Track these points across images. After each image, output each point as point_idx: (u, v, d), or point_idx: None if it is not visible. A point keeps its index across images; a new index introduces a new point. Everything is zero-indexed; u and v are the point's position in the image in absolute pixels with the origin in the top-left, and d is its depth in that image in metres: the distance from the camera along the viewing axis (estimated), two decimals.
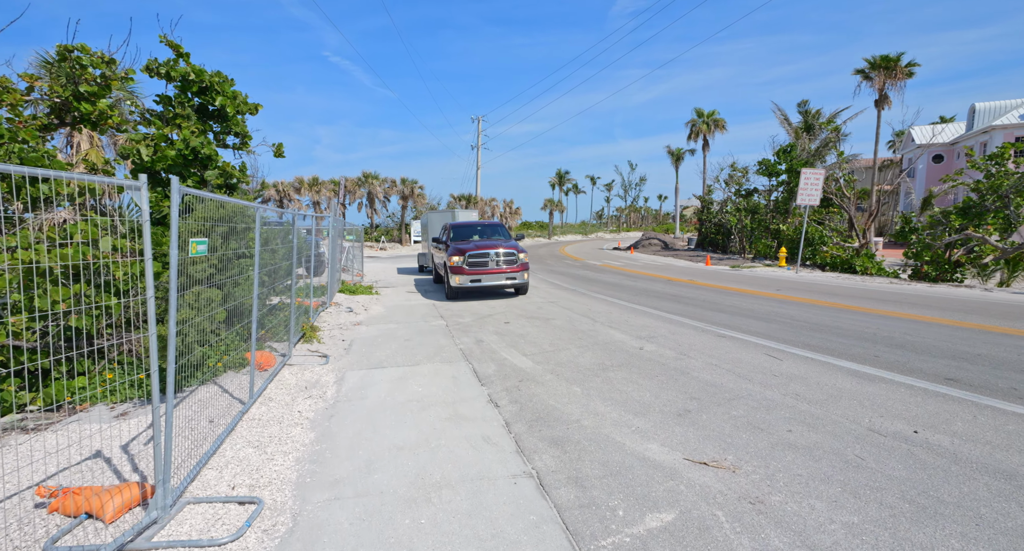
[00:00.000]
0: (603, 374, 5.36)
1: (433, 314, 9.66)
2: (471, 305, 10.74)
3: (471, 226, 13.67)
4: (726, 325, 7.71)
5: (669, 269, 19.58)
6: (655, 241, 40.11)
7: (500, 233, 13.47)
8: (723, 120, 36.18)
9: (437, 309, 10.30)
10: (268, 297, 7.22)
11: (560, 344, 6.84)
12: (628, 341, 6.85)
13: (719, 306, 9.71)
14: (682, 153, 57.78)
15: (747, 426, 3.85)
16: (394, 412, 4.39)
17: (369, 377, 5.49)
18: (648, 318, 8.56)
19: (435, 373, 5.61)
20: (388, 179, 41.82)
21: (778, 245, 23.96)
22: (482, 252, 11.42)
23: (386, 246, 39.40)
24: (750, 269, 19.24)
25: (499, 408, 4.46)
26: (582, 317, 8.85)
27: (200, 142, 7.51)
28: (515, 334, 7.59)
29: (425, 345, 7.02)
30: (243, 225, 5.96)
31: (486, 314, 9.51)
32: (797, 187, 22.88)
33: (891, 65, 26.05)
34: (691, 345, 6.49)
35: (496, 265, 11.47)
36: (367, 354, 6.58)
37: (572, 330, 7.74)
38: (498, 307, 10.33)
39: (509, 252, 11.58)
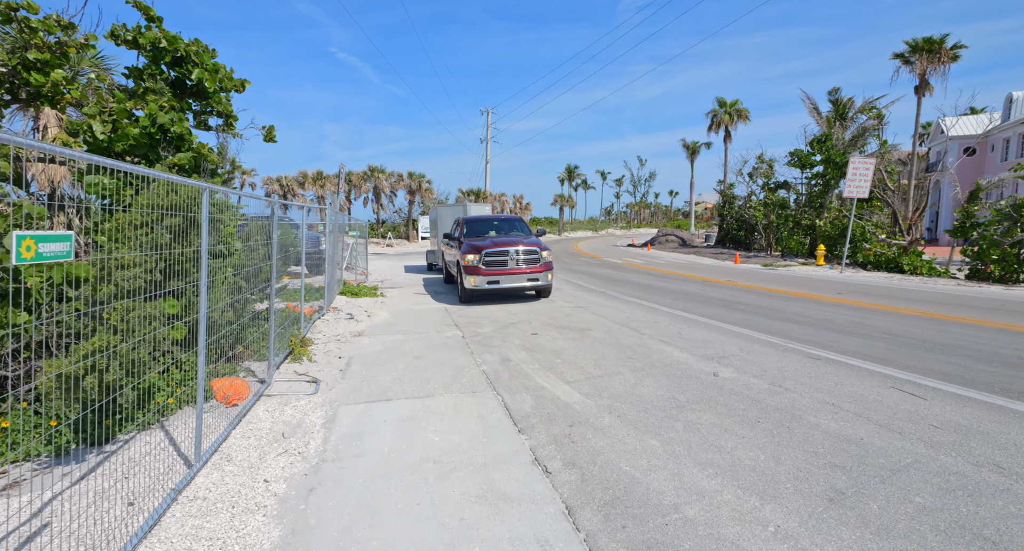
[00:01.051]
0: (680, 415, 3.99)
1: (446, 321, 8.33)
2: (489, 310, 9.39)
3: (486, 220, 12.31)
4: (809, 341, 6.29)
5: (697, 268, 18.11)
6: (672, 238, 38.51)
7: (519, 228, 12.09)
8: (746, 110, 34.47)
9: (450, 315, 8.97)
10: (249, 304, 5.91)
11: (607, 366, 5.47)
12: (693, 363, 5.46)
13: (782, 314, 8.27)
14: (697, 146, 55.97)
15: (958, 529, 2.46)
16: (401, 483, 3.05)
17: (369, 416, 4.16)
18: (705, 330, 7.15)
19: (455, 410, 4.26)
20: (395, 173, 40.50)
21: (811, 242, 22.37)
22: (500, 250, 10.06)
23: (393, 243, 38.18)
24: (786, 268, 17.72)
25: (551, 476, 3.11)
26: (623, 327, 7.46)
27: (170, 119, 6.21)
28: (548, 350, 6.23)
29: (440, 365, 5.68)
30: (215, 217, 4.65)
31: (508, 322, 8.16)
32: (834, 179, 21.29)
33: (934, 48, 24.20)
34: (780, 370, 5.09)
35: (516, 265, 10.11)
36: (368, 378, 5.25)
37: (616, 345, 6.37)
38: (520, 313, 8.98)
39: (530, 250, 10.22)
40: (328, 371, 5.54)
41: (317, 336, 7.19)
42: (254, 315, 6.11)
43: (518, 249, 10.11)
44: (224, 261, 5.53)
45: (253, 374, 5.15)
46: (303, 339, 6.56)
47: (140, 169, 2.63)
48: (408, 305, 10.23)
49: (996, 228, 14.74)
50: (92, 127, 5.86)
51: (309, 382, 5.14)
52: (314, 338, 7.03)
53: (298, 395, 4.69)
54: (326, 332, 7.48)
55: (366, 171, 40.45)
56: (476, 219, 12.28)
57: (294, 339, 6.17)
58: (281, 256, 6.80)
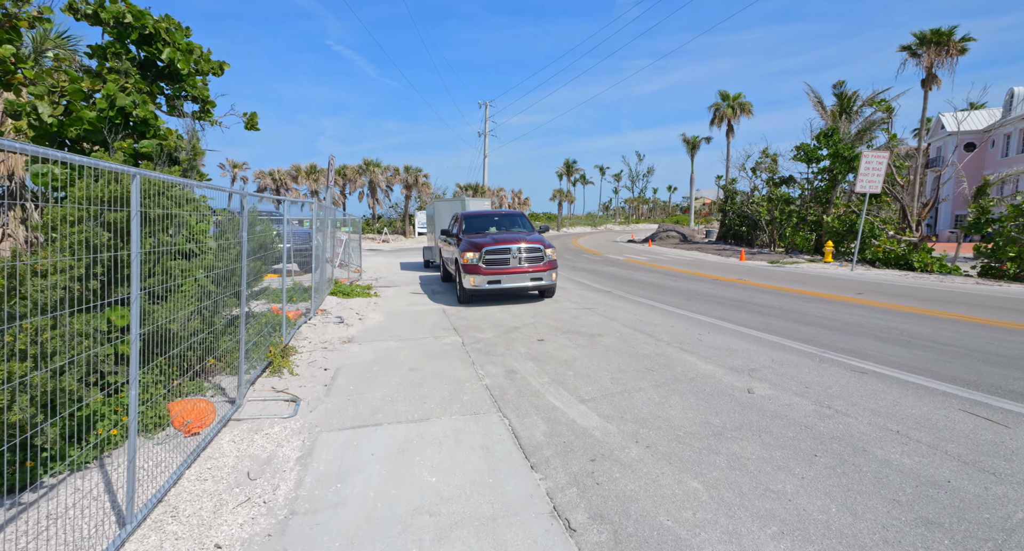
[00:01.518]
0: (721, 446, 3.38)
1: (444, 325, 7.70)
2: (489, 312, 8.77)
3: (487, 216, 11.66)
4: (846, 350, 5.70)
5: (702, 265, 17.53)
6: (673, 233, 37.95)
7: (521, 224, 11.46)
8: (749, 104, 33.79)
9: (449, 317, 8.34)
10: (225, 308, 5.27)
11: (626, 380, 4.86)
12: (722, 376, 4.86)
13: (805, 316, 7.68)
14: (697, 141, 55.32)
15: None
16: (389, 548, 2.44)
17: (353, 447, 3.54)
18: (727, 336, 6.55)
19: (456, 439, 3.65)
20: (391, 167, 39.67)
21: (818, 238, 21.83)
22: (501, 248, 9.43)
23: (389, 238, 37.45)
24: (794, 265, 17.16)
25: (576, 535, 2.50)
26: (637, 332, 6.86)
27: (132, 102, 5.54)
28: (557, 359, 5.62)
29: (437, 378, 5.06)
30: (171, 211, 3.99)
31: (510, 325, 7.54)
32: (841, 174, 20.72)
33: (942, 40, 23.64)
34: (824, 387, 4.50)
35: (518, 263, 9.48)
36: (355, 395, 4.62)
37: (632, 354, 5.76)
38: (523, 315, 8.36)
39: (533, 247, 9.60)
40: (311, 387, 4.91)
41: (302, 344, 6.55)
42: (231, 321, 5.48)
43: (520, 247, 9.49)
44: (193, 262, 4.89)
45: (223, 392, 4.52)
46: (285, 348, 5.92)
47: (52, 152, 1.99)
48: (403, 306, 9.60)
49: (1013, 224, 14.23)
50: (38, 109, 5.18)
51: (288, 401, 4.51)
52: (298, 346, 6.40)
53: (273, 419, 4.06)
54: (312, 339, 6.84)
55: (361, 165, 39.60)
56: (475, 214, 11.63)
57: (274, 349, 5.53)
58: (261, 255, 6.16)
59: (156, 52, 6.20)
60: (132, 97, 5.56)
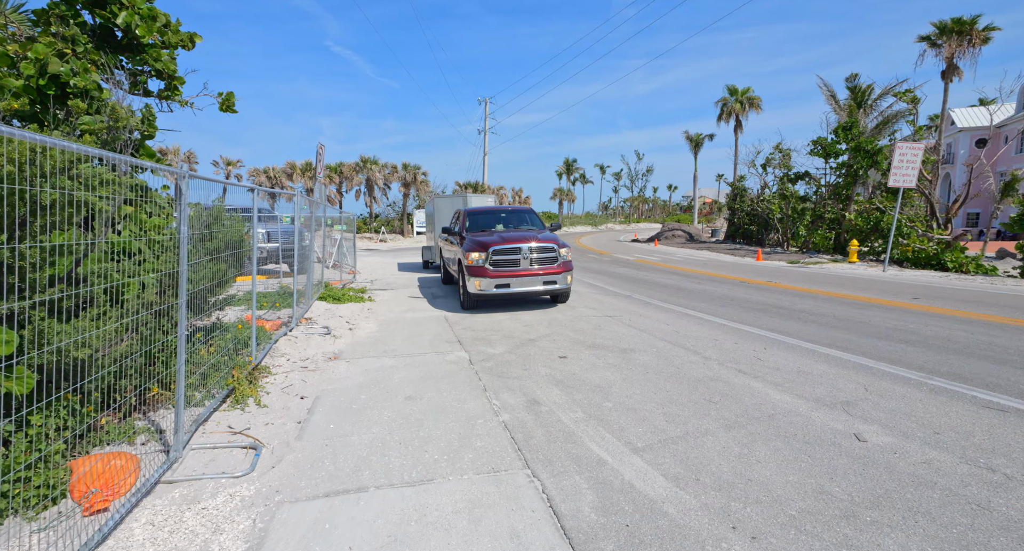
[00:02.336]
0: (863, 538, 2.30)
1: (447, 336, 6.61)
2: (498, 320, 7.69)
3: (493, 212, 10.56)
4: (957, 376, 4.60)
5: (719, 266, 16.46)
6: (679, 232, 36.89)
7: (530, 221, 10.36)
8: (758, 98, 32.70)
9: (452, 327, 7.26)
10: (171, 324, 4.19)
11: (683, 415, 3.78)
12: (810, 412, 3.78)
13: (872, 328, 6.60)
14: (701, 139, 54.32)
15: None
16: None
17: (324, 535, 2.44)
18: (789, 353, 5.47)
19: (471, 519, 2.56)
20: (388, 164, 38.51)
21: (837, 237, 20.78)
22: (511, 247, 8.35)
23: (386, 238, 36.33)
24: (818, 266, 16.10)
25: None
26: (676, 348, 5.78)
27: (69, 69, 4.47)
28: (589, 385, 4.54)
29: (442, 413, 3.97)
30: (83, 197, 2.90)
31: (524, 337, 6.45)
32: (862, 169, 19.67)
33: (965, 29, 22.59)
34: (963, 434, 3.41)
35: (529, 265, 8.40)
36: (335, 439, 3.53)
37: (680, 378, 4.68)
38: (537, 325, 7.27)
39: (546, 247, 8.52)
40: (280, 424, 3.82)
41: (278, 362, 5.45)
42: (192, 334, 4.39)
43: (531, 246, 8.41)
44: (142, 266, 3.81)
45: (162, 436, 3.42)
46: (254, 370, 4.82)
47: None
48: (400, 312, 8.50)
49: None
50: None
51: (245, 447, 3.41)
52: (273, 366, 5.30)
53: (219, 479, 2.97)
54: (291, 355, 5.74)
55: (358, 162, 38.42)
56: (480, 211, 10.53)
57: (238, 372, 4.42)
58: (228, 255, 5.07)
59: (110, 16, 5.11)
60: (71, 64, 4.46)
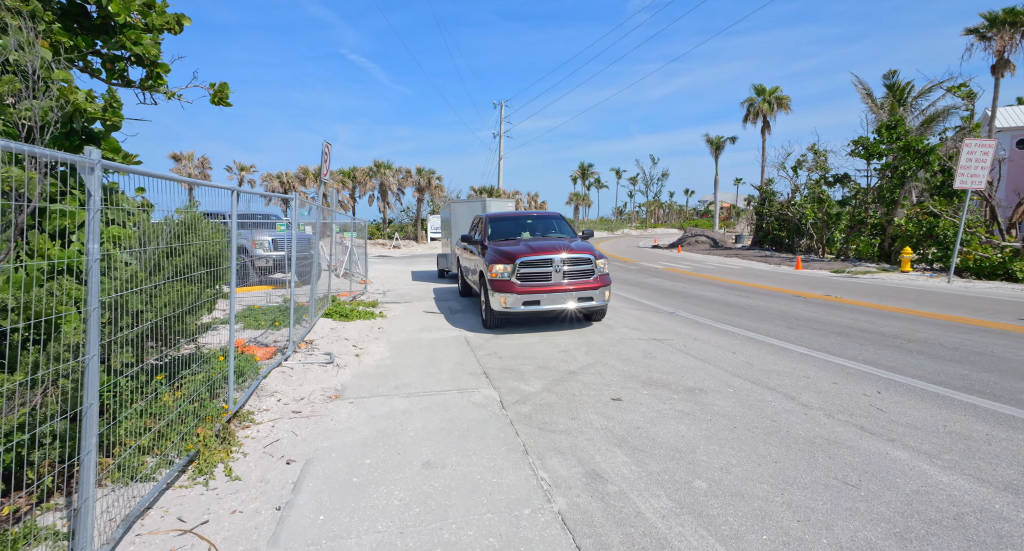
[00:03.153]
0: None
1: (470, 365, 5.55)
2: (526, 343, 6.61)
3: (517, 219, 9.51)
4: None
5: (759, 275, 15.18)
6: (702, 238, 35.45)
7: (559, 228, 9.28)
8: (787, 98, 31.20)
9: (474, 351, 6.20)
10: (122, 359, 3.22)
11: (817, 508, 2.65)
12: (1014, 513, 2.63)
13: (1010, 364, 5.37)
14: (722, 142, 52.76)
15: None
16: None
17: None
18: (918, 401, 4.28)
19: None
20: (402, 169, 37.77)
21: (883, 243, 19.30)
22: (541, 259, 7.29)
23: (400, 244, 35.54)
24: (868, 276, 14.71)
25: None
26: (757, 386, 4.63)
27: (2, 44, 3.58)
28: (663, 447, 3.43)
29: (472, 495, 2.90)
30: None
31: (563, 368, 5.36)
32: (910, 170, 18.21)
33: (1018, 20, 21.06)
34: None
35: (562, 278, 7.33)
36: (325, 542, 2.48)
37: (781, 436, 3.54)
38: (574, 350, 6.17)
39: (581, 258, 7.44)
40: (250, 515, 2.77)
41: (266, 403, 4.44)
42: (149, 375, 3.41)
43: (564, 257, 7.33)
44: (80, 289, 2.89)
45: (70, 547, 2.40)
46: (229, 423, 3.79)
47: None
48: (415, 332, 7.48)
49: None
50: None
51: None
52: (259, 409, 4.29)
53: None
54: (284, 393, 4.72)
55: (371, 167, 37.76)
56: (504, 217, 9.49)
57: (205, 430, 3.39)
58: (205, 273, 4.09)
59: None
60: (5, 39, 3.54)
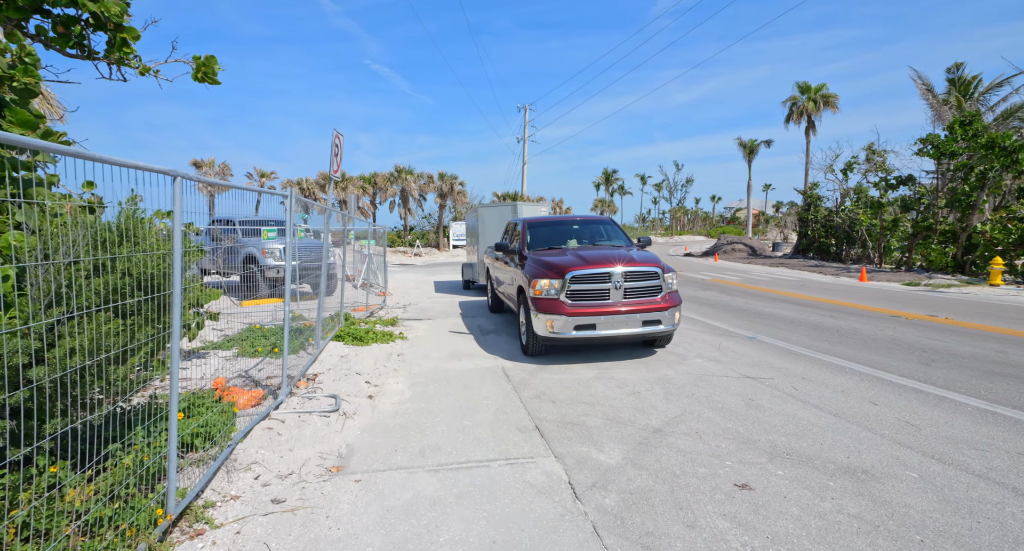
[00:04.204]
0: None
1: (515, 415, 4.16)
2: (582, 378, 5.17)
3: (561, 224, 8.12)
4: None
5: (822, 289, 13.43)
6: (739, 246, 33.44)
7: (611, 235, 7.86)
8: (835, 96, 29.07)
9: (517, 392, 4.81)
10: None
11: None
12: None
13: None
14: (756, 145, 50.58)
15: None
16: None
17: None
18: None
19: None
20: (424, 174, 36.80)
21: (956, 253, 17.23)
22: (597, 272, 5.89)
23: (421, 252, 34.51)
24: (954, 289, 12.81)
25: None
26: (958, 471, 3.11)
27: None
28: None
29: None
30: None
31: (640, 422, 3.91)
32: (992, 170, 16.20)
33: None
34: None
35: (622, 297, 5.92)
36: None
37: None
38: (647, 392, 4.71)
39: (645, 271, 6.03)
40: None
41: (238, 485, 3.11)
42: None
43: (625, 271, 5.92)
44: None
45: None
46: (167, 535, 2.47)
47: None
48: (441, 359, 6.13)
49: None
50: None
51: None
52: (224, 497, 2.96)
53: None
54: (266, 465, 3.40)
55: (392, 172, 36.90)
56: (545, 222, 8.11)
57: None
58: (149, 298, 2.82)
59: None
60: None
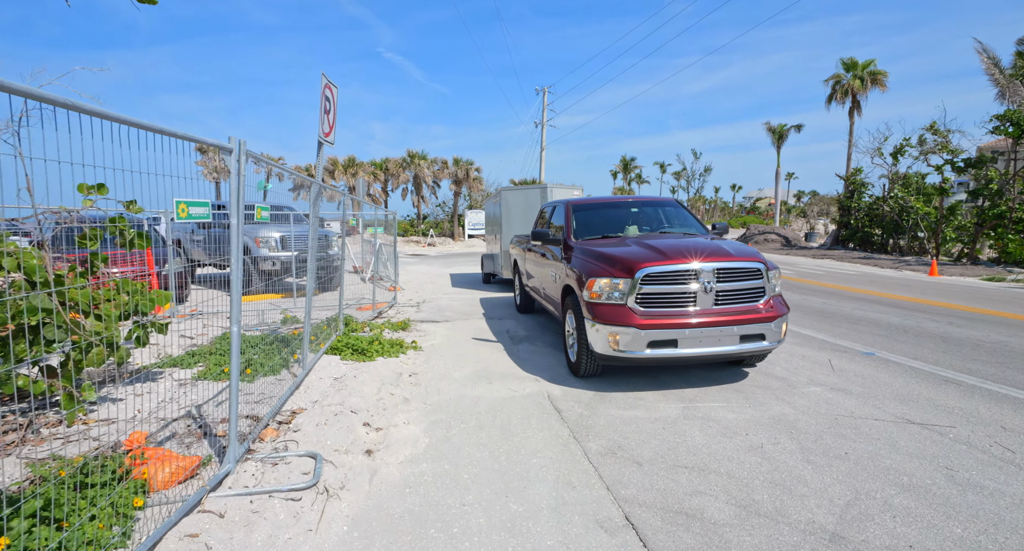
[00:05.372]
0: None
1: (590, 493, 2.63)
2: (662, 416, 3.61)
3: (616, 207, 6.52)
4: None
5: (893, 284, 11.64)
6: (772, 237, 31.38)
7: (680, 221, 6.24)
8: (883, 73, 26.59)
9: (580, 444, 3.28)
10: None
11: None
12: None
13: None
14: (785, 131, 47.88)
15: None
16: None
17: None
18: None
19: None
20: (438, 159, 35.20)
21: None
22: (680, 269, 4.31)
23: (435, 241, 33.06)
24: None
25: None
26: None
27: None
28: None
29: None
30: None
31: (798, 515, 2.35)
32: None
33: None
34: None
35: (711, 302, 4.34)
36: None
37: None
38: (770, 446, 3.14)
39: (744, 268, 4.45)
40: None
41: None
42: None
43: (718, 268, 4.34)
44: None
45: None
46: None
47: None
48: (465, 382, 4.61)
49: None
50: None
51: None
52: None
53: None
54: None
55: (405, 158, 35.37)
56: (596, 204, 6.50)
57: None
58: None
59: None
60: None
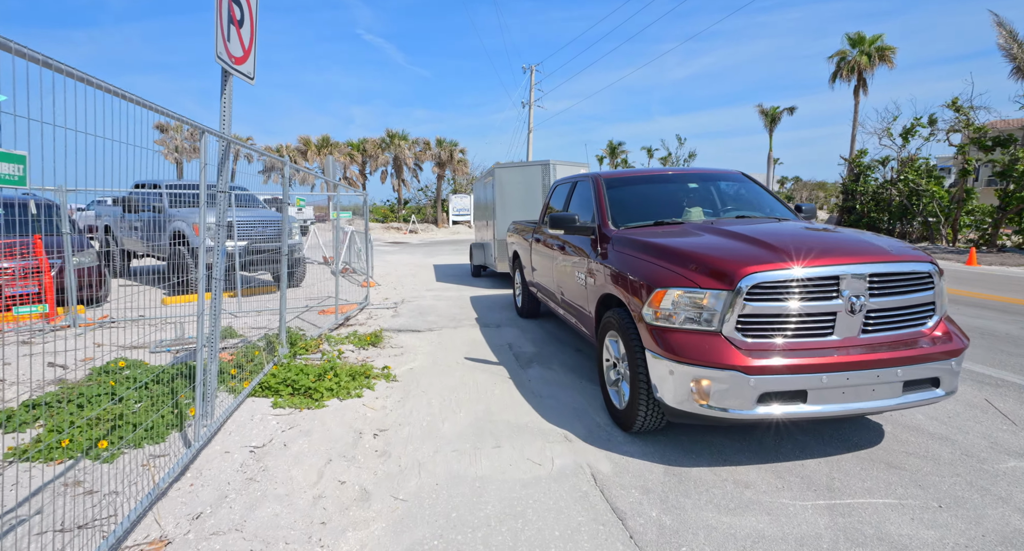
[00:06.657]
0: None
1: None
2: (791, 521, 1.97)
3: (667, 181, 4.75)
4: None
5: (946, 276, 10.23)
6: None
7: (756, 201, 4.52)
8: (892, 48, 25.23)
9: None
10: None
11: None
12: None
13: None
14: (778, 114, 46.50)
15: None
16: None
17: None
18: None
19: None
20: (420, 140, 32.92)
21: None
22: (810, 276, 2.55)
23: (417, 228, 31.01)
24: None
25: None
26: None
27: None
28: None
29: None
30: None
31: None
32: None
33: None
34: None
35: (859, 328, 2.61)
36: None
37: None
38: None
39: (909, 274, 2.68)
40: None
41: None
42: None
43: (873, 273, 2.61)
44: None
45: None
46: None
47: None
48: (456, 449, 2.86)
49: None
50: None
51: None
52: None
53: None
54: None
55: (384, 138, 33.01)
56: (637, 178, 4.73)
57: None
58: None
59: None
60: None
